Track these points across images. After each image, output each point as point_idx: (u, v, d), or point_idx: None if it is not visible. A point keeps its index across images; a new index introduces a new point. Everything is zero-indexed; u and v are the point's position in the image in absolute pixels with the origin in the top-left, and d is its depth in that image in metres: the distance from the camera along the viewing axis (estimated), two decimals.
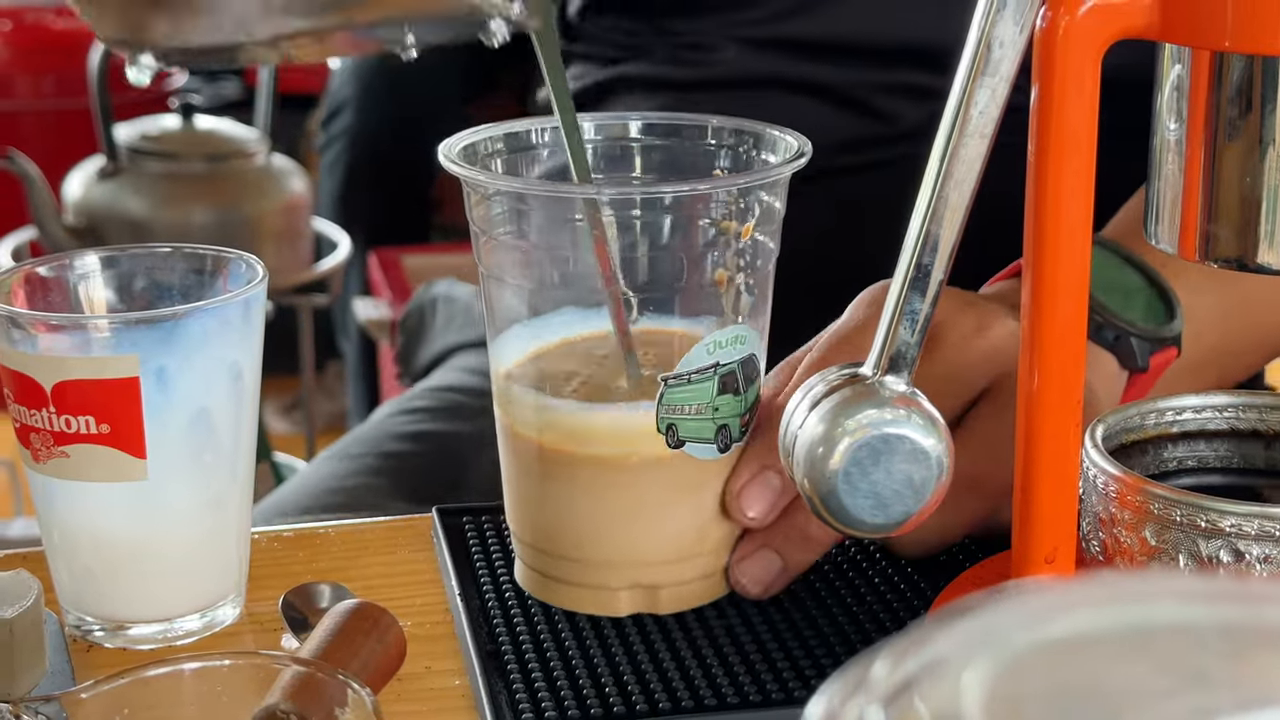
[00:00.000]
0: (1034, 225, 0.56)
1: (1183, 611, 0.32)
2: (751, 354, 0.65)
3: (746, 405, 0.66)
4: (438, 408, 1.03)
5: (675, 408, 0.64)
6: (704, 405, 0.64)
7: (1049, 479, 0.58)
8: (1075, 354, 0.58)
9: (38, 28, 2.77)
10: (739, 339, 0.65)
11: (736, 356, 0.65)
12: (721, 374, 0.64)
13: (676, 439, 0.64)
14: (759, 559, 0.67)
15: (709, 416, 0.65)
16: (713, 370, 0.64)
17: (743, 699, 0.61)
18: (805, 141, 0.65)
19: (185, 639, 0.67)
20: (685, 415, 0.64)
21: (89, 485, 0.65)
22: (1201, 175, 0.55)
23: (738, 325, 0.65)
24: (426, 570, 0.73)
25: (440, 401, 1.04)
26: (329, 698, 0.50)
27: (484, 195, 0.65)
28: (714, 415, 0.65)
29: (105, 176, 2.07)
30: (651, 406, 0.64)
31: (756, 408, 0.67)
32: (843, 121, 0.96)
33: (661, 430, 0.64)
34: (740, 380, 0.65)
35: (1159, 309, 0.76)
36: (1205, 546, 0.56)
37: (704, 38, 0.98)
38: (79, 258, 0.69)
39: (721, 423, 0.65)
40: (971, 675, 0.30)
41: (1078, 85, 0.54)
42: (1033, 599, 0.32)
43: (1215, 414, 0.64)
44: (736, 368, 0.65)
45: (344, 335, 2.55)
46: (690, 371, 0.64)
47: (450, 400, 1.04)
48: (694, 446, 0.65)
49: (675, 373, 0.64)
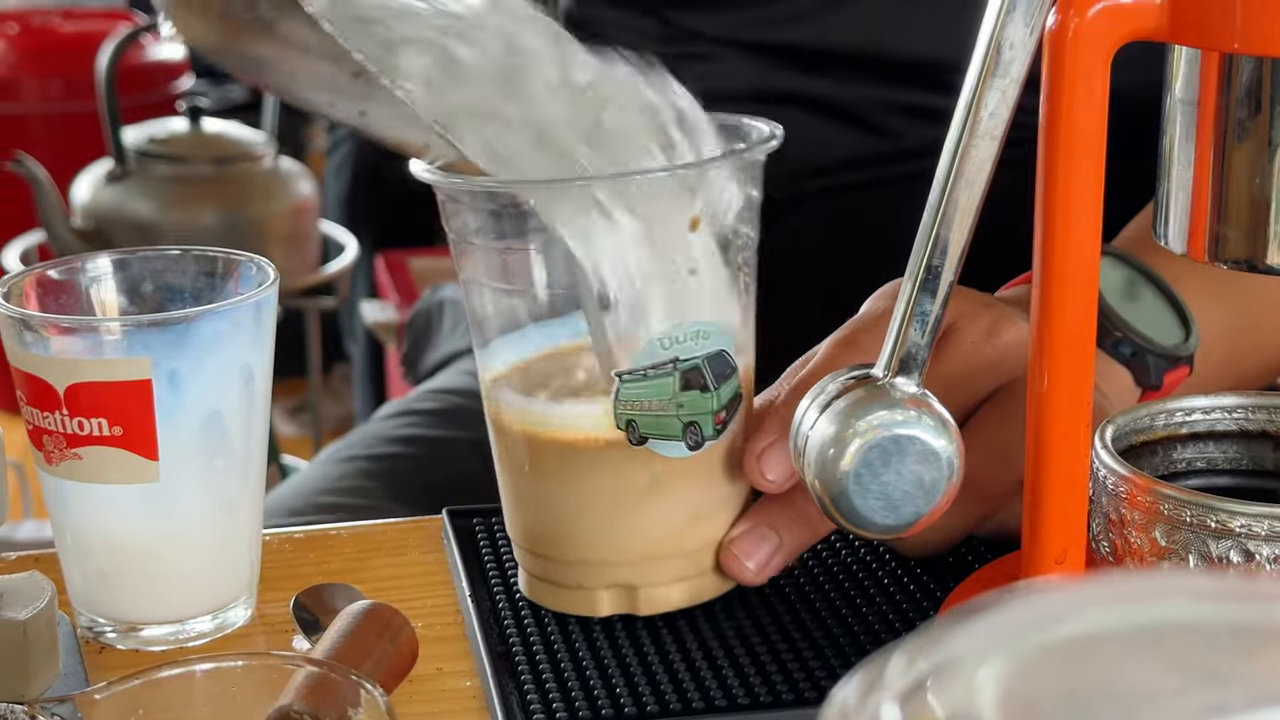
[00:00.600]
0: (1044, 226, 0.56)
1: (1193, 610, 0.32)
2: (721, 350, 0.64)
3: (720, 402, 0.65)
4: (434, 410, 1.03)
5: (633, 403, 0.63)
6: (665, 401, 0.64)
7: (1059, 480, 0.58)
8: (1085, 355, 0.58)
9: (45, 31, 2.78)
10: (701, 334, 0.64)
11: (700, 352, 0.64)
12: (683, 369, 0.63)
13: (638, 435, 0.64)
14: (755, 535, 0.66)
15: (673, 413, 0.64)
16: (672, 365, 0.63)
17: (753, 699, 0.62)
18: (777, 126, 0.65)
19: (197, 640, 0.67)
20: (645, 411, 0.64)
21: (101, 487, 0.65)
22: (1211, 176, 0.55)
23: (699, 321, 0.64)
24: (437, 572, 0.74)
25: (438, 404, 1.04)
26: (342, 698, 0.50)
27: (455, 200, 0.65)
28: (679, 411, 0.64)
29: (113, 179, 2.07)
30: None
31: (738, 404, 0.66)
32: (844, 137, 0.96)
33: (621, 426, 0.64)
34: (709, 376, 0.64)
35: (1175, 326, 0.76)
36: (1215, 547, 0.56)
37: (701, 47, 0.97)
38: (90, 260, 0.70)
39: (689, 420, 0.64)
40: (986, 674, 0.30)
41: (1087, 87, 0.55)
42: (1045, 598, 0.32)
43: (1224, 415, 0.65)
44: (702, 363, 0.64)
45: (351, 338, 2.56)
46: (646, 366, 0.63)
47: (449, 403, 1.04)
48: (658, 443, 0.64)
49: (629, 368, 0.63)
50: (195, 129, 2.11)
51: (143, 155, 2.07)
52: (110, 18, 2.84)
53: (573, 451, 0.65)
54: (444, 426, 1.01)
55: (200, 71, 2.96)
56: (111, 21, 2.78)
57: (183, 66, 2.81)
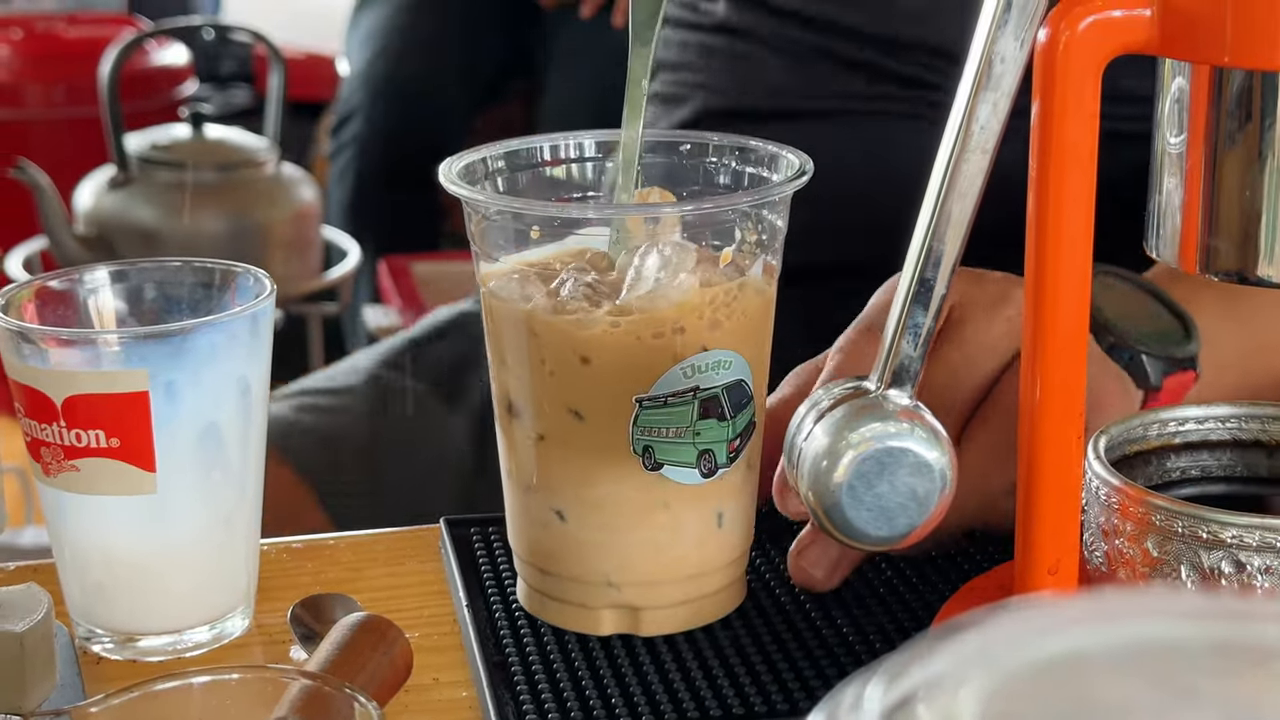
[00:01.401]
0: (1035, 237, 0.57)
1: (1175, 629, 0.32)
2: (739, 380, 0.65)
3: (735, 431, 0.65)
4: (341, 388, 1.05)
5: (651, 429, 0.64)
6: (683, 429, 0.64)
7: (1052, 490, 0.58)
8: (1077, 365, 0.58)
9: (48, 37, 2.78)
10: (722, 364, 0.64)
11: (720, 381, 0.64)
12: (702, 398, 0.64)
13: (654, 461, 0.64)
14: (820, 546, 0.68)
15: (689, 440, 0.64)
16: (692, 394, 0.63)
17: (748, 710, 0.62)
18: (807, 160, 0.66)
19: (195, 651, 0.68)
20: (663, 438, 0.64)
21: (99, 499, 0.65)
22: (1202, 188, 0.55)
23: (721, 350, 0.64)
24: (434, 581, 0.74)
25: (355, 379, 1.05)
26: (336, 711, 0.50)
27: (484, 215, 0.66)
28: (695, 440, 0.64)
29: (115, 186, 2.07)
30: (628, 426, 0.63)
31: (750, 433, 0.66)
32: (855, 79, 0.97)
33: (637, 452, 0.64)
34: (726, 406, 0.64)
35: (1175, 332, 0.76)
36: (1207, 558, 0.56)
37: None
38: (89, 272, 0.70)
39: (704, 448, 0.64)
40: (968, 693, 0.30)
41: (1078, 100, 0.55)
42: (1028, 617, 0.32)
43: (1218, 424, 0.65)
44: (720, 393, 0.64)
45: (354, 343, 2.56)
46: (667, 394, 0.63)
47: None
48: (673, 470, 0.64)
49: (650, 394, 0.63)
50: (198, 135, 2.12)
51: (145, 161, 2.08)
52: (113, 23, 2.84)
53: (580, 476, 0.65)
54: (346, 397, 1.03)
55: (203, 77, 2.97)
56: (115, 27, 2.78)
57: (186, 72, 2.81)
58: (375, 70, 2.51)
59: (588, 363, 0.63)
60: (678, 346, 0.63)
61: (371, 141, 2.51)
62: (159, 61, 2.75)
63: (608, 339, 0.63)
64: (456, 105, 2.50)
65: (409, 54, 2.50)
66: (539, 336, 0.64)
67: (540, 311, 0.63)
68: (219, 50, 3.08)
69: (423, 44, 2.49)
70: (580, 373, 0.63)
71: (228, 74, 3.08)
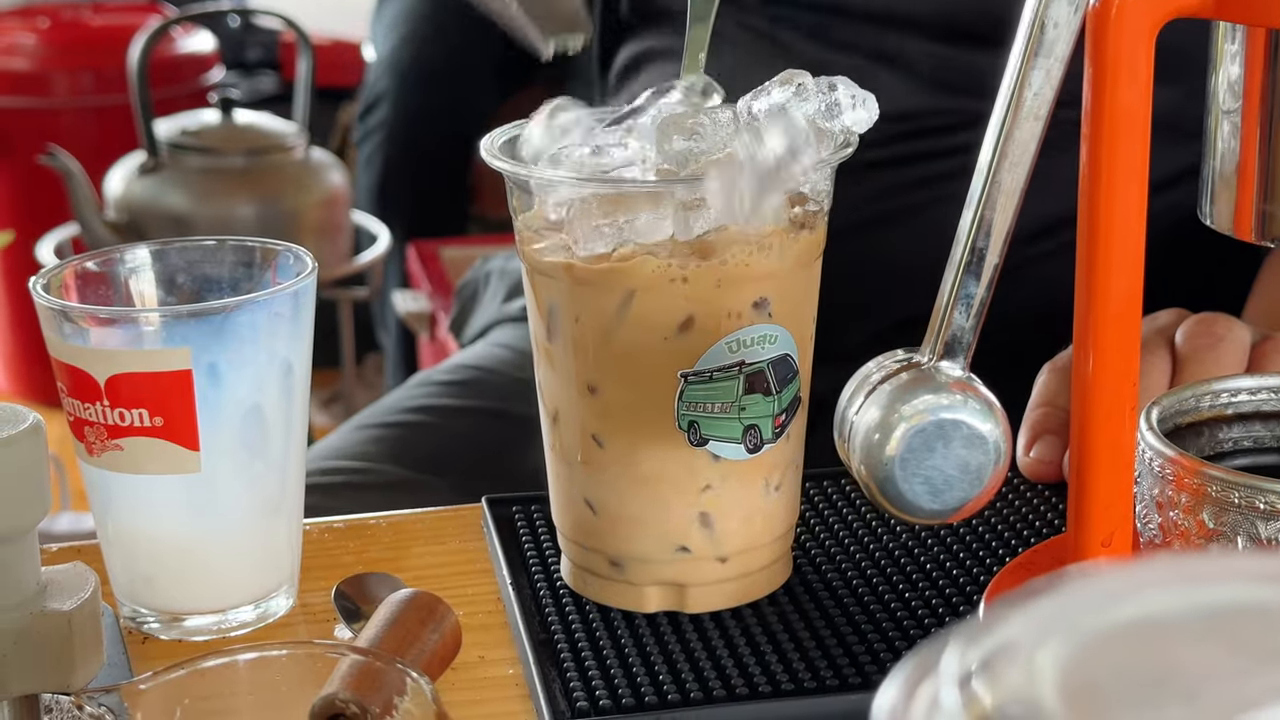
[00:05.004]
0: (1088, 205, 0.56)
1: (1252, 591, 0.31)
2: (785, 354, 0.64)
3: (781, 406, 0.64)
4: (454, 381, 1.04)
5: (696, 404, 0.63)
6: (729, 404, 0.63)
7: (1105, 463, 0.58)
8: (1130, 336, 0.57)
9: (76, 24, 2.78)
10: (768, 338, 0.63)
11: (765, 356, 0.63)
12: (748, 373, 0.63)
13: (699, 436, 0.64)
14: (1044, 445, 0.75)
15: (734, 415, 0.64)
16: (737, 369, 0.63)
17: (797, 685, 0.61)
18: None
19: (239, 630, 0.67)
20: (708, 413, 0.63)
21: (143, 478, 0.65)
22: (1258, 154, 0.55)
23: (767, 324, 0.63)
24: (477, 560, 0.74)
25: (459, 375, 1.05)
26: (388, 686, 0.50)
27: (525, 189, 0.65)
28: (740, 415, 0.64)
29: (146, 172, 2.08)
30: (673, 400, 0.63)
31: (796, 408, 0.66)
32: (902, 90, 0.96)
33: (683, 427, 0.63)
34: (771, 380, 0.64)
35: None
36: (1265, 528, 0.55)
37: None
38: (128, 251, 0.70)
39: (749, 423, 0.64)
40: (1045, 657, 0.30)
41: (1131, 65, 0.54)
42: (1101, 581, 0.32)
43: (1270, 395, 0.64)
44: (766, 367, 0.64)
45: (383, 328, 2.56)
46: (712, 369, 0.63)
47: (470, 375, 1.05)
48: (719, 445, 0.64)
49: (695, 369, 0.63)
50: (227, 121, 2.12)
51: (175, 147, 2.08)
52: (141, 11, 2.84)
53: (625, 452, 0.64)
54: (462, 396, 1.02)
55: (231, 64, 2.97)
56: (142, 15, 2.78)
57: (213, 59, 2.81)
58: (401, 56, 2.51)
59: (628, 306, 0.62)
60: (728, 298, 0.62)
61: (399, 126, 2.51)
62: (185, 48, 2.75)
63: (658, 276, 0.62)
64: (483, 90, 2.50)
65: (434, 39, 2.49)
66: (583, 285, 0.63)
67: (580, 264, 0.63)
68: (244, 37, 3.08)
69: (448, 29, 2.48)
70: (619, 333, 0.62)
71: (253, 61, 3.08)
